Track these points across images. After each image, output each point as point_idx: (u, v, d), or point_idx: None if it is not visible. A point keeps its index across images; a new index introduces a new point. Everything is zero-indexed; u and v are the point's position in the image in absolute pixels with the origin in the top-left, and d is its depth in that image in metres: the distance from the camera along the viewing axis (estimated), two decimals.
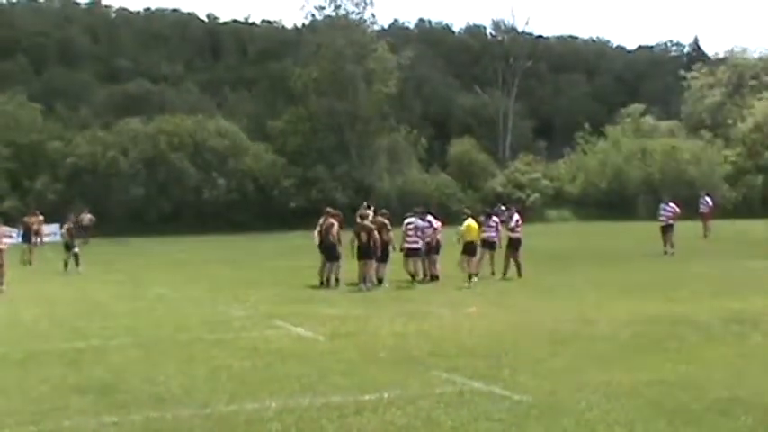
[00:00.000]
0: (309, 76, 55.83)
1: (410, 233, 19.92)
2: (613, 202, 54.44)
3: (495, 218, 20.98)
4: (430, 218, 20.74)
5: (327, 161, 54.61)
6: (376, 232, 19.23)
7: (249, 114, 63.91)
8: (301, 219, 50.12)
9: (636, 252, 27.24)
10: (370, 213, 20.43)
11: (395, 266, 20.15)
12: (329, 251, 19.58)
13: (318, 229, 20.10)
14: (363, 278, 19.01)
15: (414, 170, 57.76)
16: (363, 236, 19.12)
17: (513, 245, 20.73)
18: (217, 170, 51.43)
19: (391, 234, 19.98)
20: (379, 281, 19.26)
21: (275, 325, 13.78)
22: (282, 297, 17.76)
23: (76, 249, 25.60)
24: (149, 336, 12.92)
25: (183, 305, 16.79)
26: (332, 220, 19.91)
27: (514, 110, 69.52)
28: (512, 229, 20.81)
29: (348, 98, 55.66)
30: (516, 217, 21.15)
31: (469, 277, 19.10)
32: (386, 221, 20.13)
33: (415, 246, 19.75)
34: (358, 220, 19.76)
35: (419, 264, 20.01)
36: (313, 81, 55.79)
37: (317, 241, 19.89)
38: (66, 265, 25.40)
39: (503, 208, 22.86)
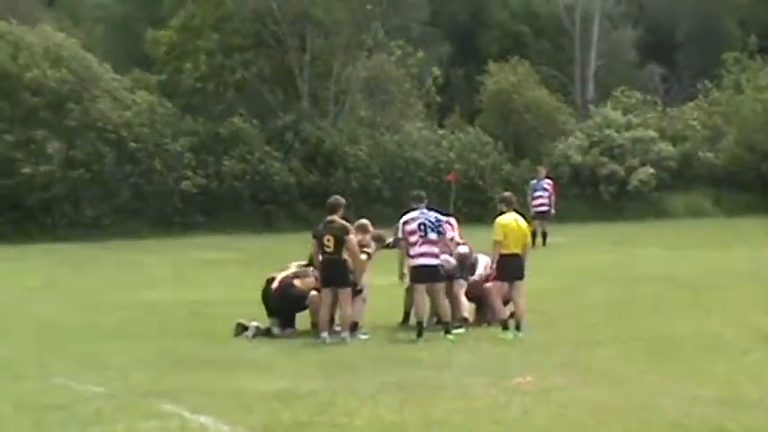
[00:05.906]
0: None
1: (414, 238, 19.88)
2: None
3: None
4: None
5: (255, 106, 54.46)
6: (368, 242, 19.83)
7: (112, 20, 63.76)
8: (204, 211, 50.13)
9: None
10: (367, 224, 20.89)
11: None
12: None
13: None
14: (329, 321, 19.47)
15: (416, 121, 57.75)
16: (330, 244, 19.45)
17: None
18: (45, 125, 51.20)
19: (374, 245, 20.37)
20: (353, 327, 19.52)
21: (159, 411, 13.82)
22: (173, 358, 17.81)
23: None
24: None
25: None
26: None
27: (603, 9, 69.74)
28: None
29: None
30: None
31: (504, 325, 19.42)
32: (364, 222, 20.58)
33: (430, 262, 19.74)
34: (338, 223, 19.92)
35: (440, 295, 19.90)
36: None
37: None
38: None
39: (547, 183, 22.91)
